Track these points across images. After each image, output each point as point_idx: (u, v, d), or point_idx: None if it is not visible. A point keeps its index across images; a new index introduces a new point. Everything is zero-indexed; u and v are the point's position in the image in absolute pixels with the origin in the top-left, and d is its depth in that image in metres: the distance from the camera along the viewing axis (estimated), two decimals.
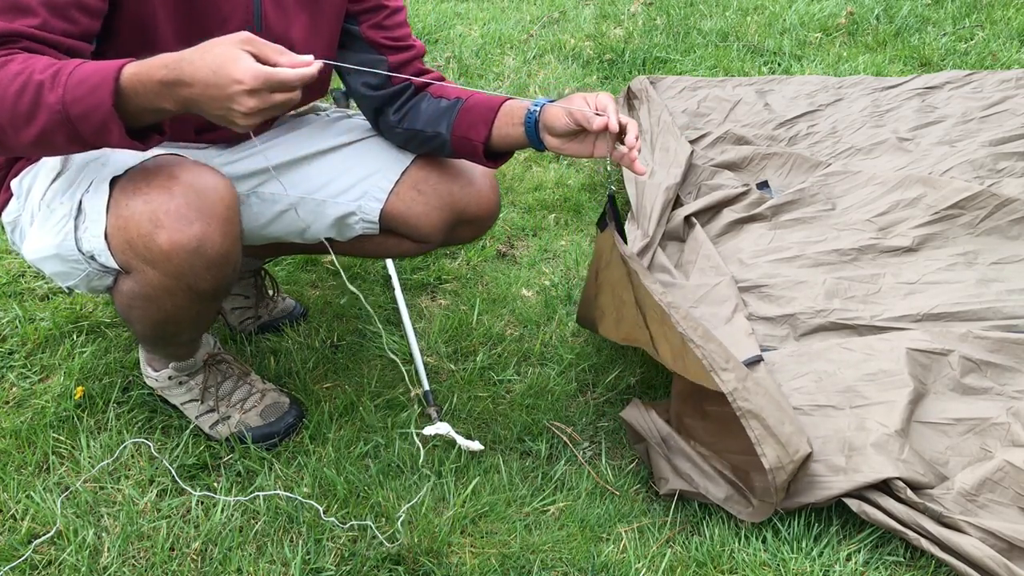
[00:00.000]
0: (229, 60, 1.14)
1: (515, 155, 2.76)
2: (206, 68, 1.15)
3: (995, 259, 2.05)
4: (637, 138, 1.40)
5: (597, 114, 1.38)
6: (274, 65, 1.15)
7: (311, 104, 1.79)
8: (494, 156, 1.62)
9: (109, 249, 1.36)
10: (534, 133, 1.50)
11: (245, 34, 1.17)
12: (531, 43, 3.66)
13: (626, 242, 1.61)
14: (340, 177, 1.66)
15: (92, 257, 1.39)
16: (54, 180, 1.44)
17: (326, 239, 1.71)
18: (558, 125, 1.44)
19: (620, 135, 1.40)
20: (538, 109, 1.48)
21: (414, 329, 1.94)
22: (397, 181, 1.66)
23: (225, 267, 1.40)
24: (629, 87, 3.09)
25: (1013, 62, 3.35)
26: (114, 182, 1.36)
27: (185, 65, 1.16)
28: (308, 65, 1.16)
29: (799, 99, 3.00)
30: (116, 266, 1.38)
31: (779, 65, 3.46)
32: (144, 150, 1.27)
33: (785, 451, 1.43)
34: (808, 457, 1.45)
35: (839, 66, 3.40)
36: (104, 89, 1.18)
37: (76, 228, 1.38)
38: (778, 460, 1.42)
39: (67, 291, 1.70)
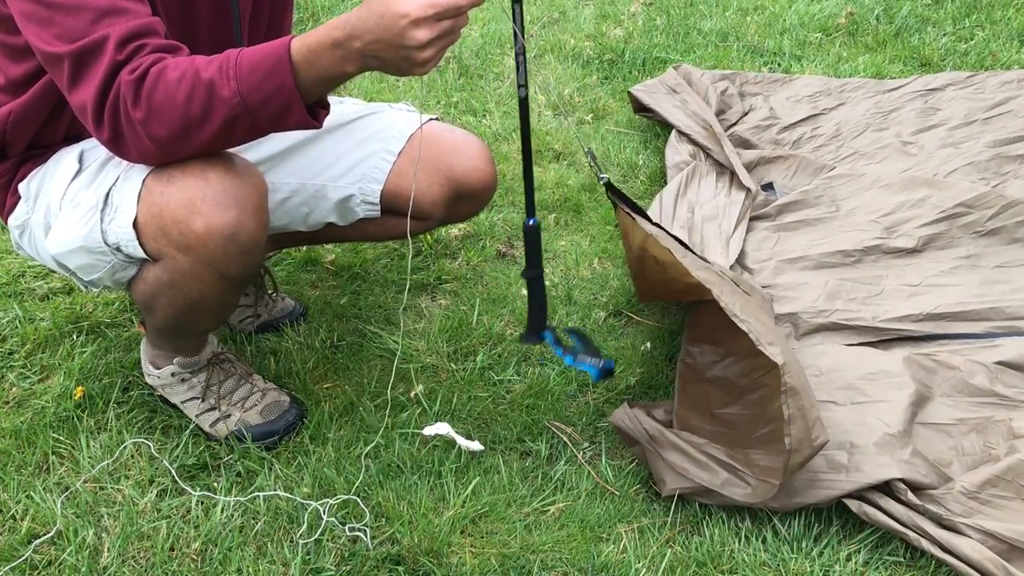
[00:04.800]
0: (392, 0, 1.15)
1: (515, 155, 2.76)
2: (372, 15, 1.17)
3: (999, 262, 2.05)
4: None
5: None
6: None
7: None
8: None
9: (139, 238, 1.37)
10: None
11: None
12: (531, 43, 3.66)
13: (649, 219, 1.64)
14: (338, 161, 1.67)
15: (118, 248, 1.40)
16: (74, 178, 1.45)
17: (329, 224, 1.72)
18: None
19: None
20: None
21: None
22: (396, 160, 1.67)
23: (255, 253, 1.42)
24: (664, 81, 3.04)
25: (1013, 62, 3.35)
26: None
27: (352, 19, 1.19)
28: None
29: (802, 102, 2.99)
30: (143, 255, 1.40)
31: (779, 65, 3.46)
32: (319, 127, 1.29)
33: (809, 435, 1.41)
34: (822, 446, 1.43)
35: (839, 66, 3.39)
36: (282, 70, 1.21)
37: (102, 220, 1.39)
38: (799, 443, 1.40)
39: (84, 288, 1.70)
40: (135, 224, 1.36)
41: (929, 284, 2.00)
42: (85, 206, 1.41)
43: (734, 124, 2.89)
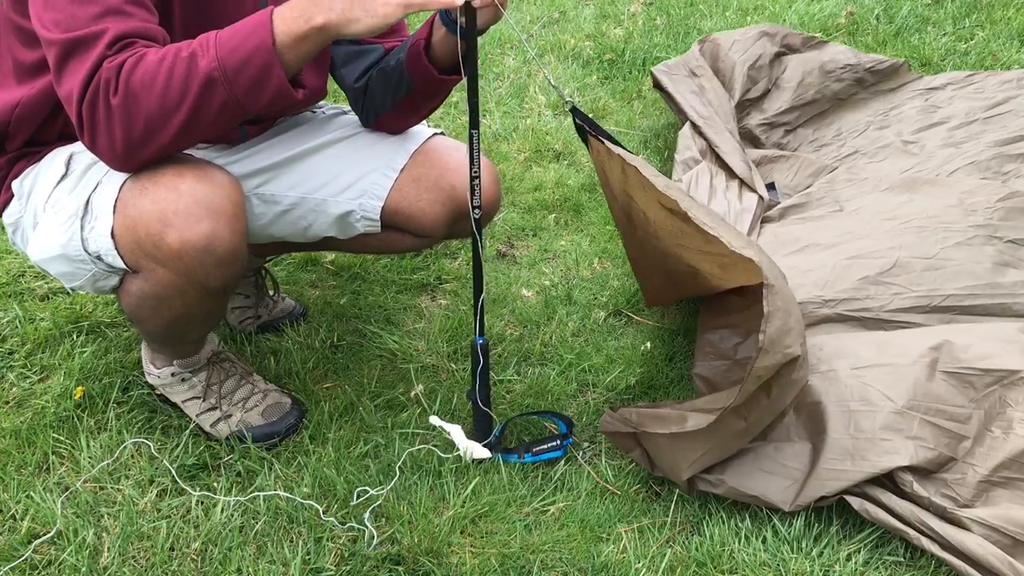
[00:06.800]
0: None
1: (515, 155, 2.76)
2: None
3: (1013, 236, 2.00)
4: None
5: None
6: None
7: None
8: (444, 70, 1.55)
9: (116, 249, 1.36)
10: (448, 23, 1.47)
11: None
12: (531, 43, 3.66)
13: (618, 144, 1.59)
14: (340, 175, 1.66)
15: (98, 257, 1.39)
16: (60, 181, 1.44)
17: (328, 237, 1.71)
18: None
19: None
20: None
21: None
22: (397, 177, 1.66)
23: (234, 263, 1.41)
24: (689, 68, 2.95)
25: (1013, 62, 3.35)
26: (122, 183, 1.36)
27: None
28: None
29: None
30: (123, 266, 1.39)
31: None
32: (299, 99, 1.30)
33: (782, 339, 1.37)
34: (795, 360, 1.40)
35: None
36: (262, 29, 1.23)
37: (83, 228, 1.38)
38: (772, 343, 1.36)
39: (70, 291, 1.70)
40: (112, 234, 1.35)
41: (944, 257, 1.94)
42: (66, 212, 1.40)
43: (749, 109, 2.84)
